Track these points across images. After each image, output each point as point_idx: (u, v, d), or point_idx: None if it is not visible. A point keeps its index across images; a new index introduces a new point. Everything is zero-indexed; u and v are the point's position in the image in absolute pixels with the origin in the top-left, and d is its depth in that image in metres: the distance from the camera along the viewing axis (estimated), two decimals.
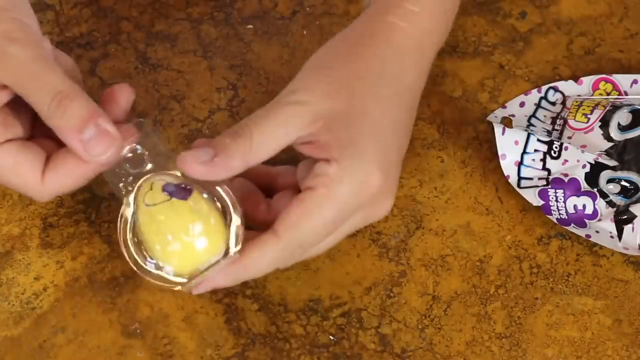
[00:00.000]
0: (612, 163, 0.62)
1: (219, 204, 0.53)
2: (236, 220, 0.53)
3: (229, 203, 0.53)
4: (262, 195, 0.58)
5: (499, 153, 0.63)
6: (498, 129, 0.63)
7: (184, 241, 0.52)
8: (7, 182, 0.54)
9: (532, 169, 0.63)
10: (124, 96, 0.55)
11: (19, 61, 0.52)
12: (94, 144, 0.52)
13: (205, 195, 0.53)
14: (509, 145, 0.63)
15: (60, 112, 0.51)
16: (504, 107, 0.67)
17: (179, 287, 0.53)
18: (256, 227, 0.55)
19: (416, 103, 0.59)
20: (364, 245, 0.61)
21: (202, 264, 0.52)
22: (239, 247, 0.53)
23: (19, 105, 0.54)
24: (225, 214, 0.53)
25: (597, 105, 0.64)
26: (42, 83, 0.52)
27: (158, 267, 0.53)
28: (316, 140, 0.54)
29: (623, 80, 0.67)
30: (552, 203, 0.61)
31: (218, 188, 0.53)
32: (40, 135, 0.56)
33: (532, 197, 0.62)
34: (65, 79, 0.52)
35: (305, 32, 0.71)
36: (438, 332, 0.58)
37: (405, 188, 0.64)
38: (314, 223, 0.53)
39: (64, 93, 0.52)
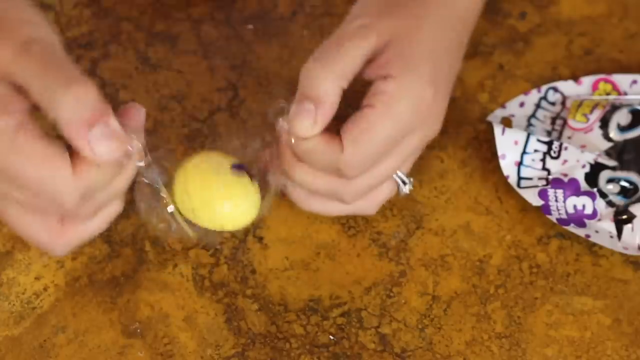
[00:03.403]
0: (612, 163, 0.62)
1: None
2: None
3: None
4: None
5: (499, 153, 0.63)
6: (498, 129, 0.63)
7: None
8: (32, 176, 0.49)
9: (532, 169, 0.63)
10: (137, 116, 0.53)
11: (42, 51, 0.50)
12: (101, 142, 0.49)
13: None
14: (508, 145, 0.63)
15: (72, 100, 0.49)
16: (503, 107, 0.67)
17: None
18: None
19: (466, 35, 0.60)
20: (364, 245, 0.61)
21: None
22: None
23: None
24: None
25: (596, 105, 0.64)
26: (59, 71, 0.50)
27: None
28: (378, 57, 0.55)
29: (623, 80, 0.67)
30: (552, 203, 0.61)
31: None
32: None
33: (532, 197, 0.62)
34: (80, 72, 0.51)
35: (305, 32, 0.71)
36: (438, 331, 0.58)
37: None
38: (374, 138, 0.54)
39: (78, 82, 0.49)
